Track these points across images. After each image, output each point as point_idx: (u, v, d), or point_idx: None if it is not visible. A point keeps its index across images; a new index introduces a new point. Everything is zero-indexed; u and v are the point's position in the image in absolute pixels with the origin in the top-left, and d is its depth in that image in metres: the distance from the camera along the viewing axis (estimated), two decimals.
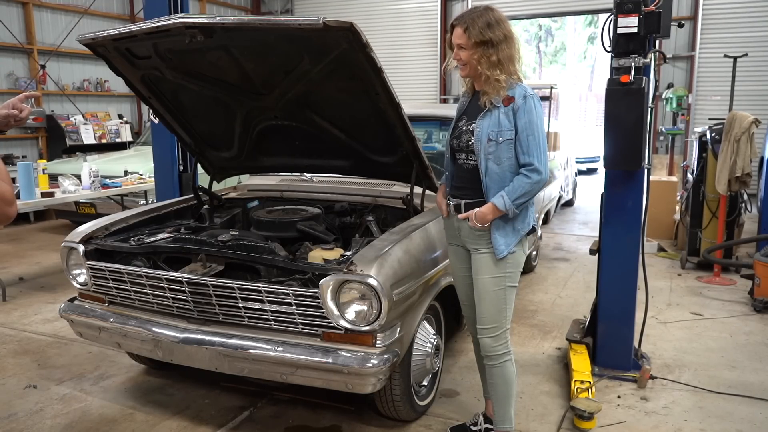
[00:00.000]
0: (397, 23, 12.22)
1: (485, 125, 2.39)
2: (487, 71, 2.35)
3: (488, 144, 2.37)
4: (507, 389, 2.54)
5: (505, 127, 2.35)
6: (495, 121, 2.37)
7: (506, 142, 2.36)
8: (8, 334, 4.14)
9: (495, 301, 2.46)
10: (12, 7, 8.92)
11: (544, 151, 2.36)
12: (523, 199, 2.36)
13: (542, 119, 2.39)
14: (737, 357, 3.67)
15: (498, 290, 2.46)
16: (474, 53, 2.34)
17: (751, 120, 5.03)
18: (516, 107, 2.34)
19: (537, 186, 2.36)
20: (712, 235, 5.52)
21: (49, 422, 2.96)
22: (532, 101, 2.35)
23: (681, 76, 10.58)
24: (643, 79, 3.01)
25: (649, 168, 3.22)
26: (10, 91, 8.85)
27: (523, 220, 2.45)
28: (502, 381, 2.53)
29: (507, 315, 2.49)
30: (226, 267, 2.73)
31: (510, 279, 2.47)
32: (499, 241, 2.42)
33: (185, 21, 2.46)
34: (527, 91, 2.37)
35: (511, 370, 2.53)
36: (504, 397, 2.55)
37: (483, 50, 2.33)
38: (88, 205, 6.74)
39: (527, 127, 2.34)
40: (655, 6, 2.98)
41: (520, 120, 2.34)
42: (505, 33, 2.34)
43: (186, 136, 3.47)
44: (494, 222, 2.41)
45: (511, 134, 2.35)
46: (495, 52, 2.32)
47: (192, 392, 3.23)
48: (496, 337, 2.49)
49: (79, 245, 2.90)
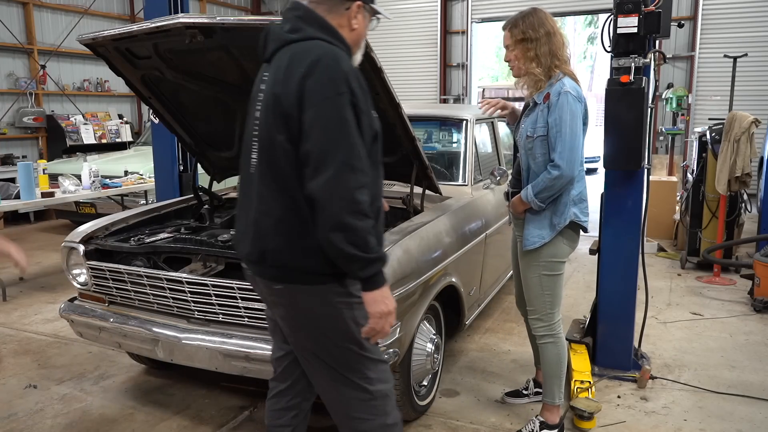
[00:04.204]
0: (397, 23, 12.21)
1: (528, 123, 2.57)
2: (523, 65, 2.51)
3: (527, 140, 2.56)
4: (549, 368, 2.73)
5: (540, 123, 2.50)
6: (534, 119, 2.54)
7: (540, 139, 2.51)
8: (8, 334, 4.14)
9: (533, 287, 2.67)
10: (12, 7, 8.92)
11: (570, 148, 2.44)
12: (546, 194, 2.49)
13: (575, 117, 2.46)
14: (737, 357, 3.67)
15: (534, 277, 2.65)
16: (516, 51, 2.52)
17: (751, 120, 5.03)
18: (550, 104, 2.47)
19: (558, 182, 2.45)
20: (712, 235, 5.52)
21: (49, 422, 2.96)
22: (566, 98, 2.45)
23: (681, 76, 10.58)
24: (643, 79, 3.01)
25: (649, 168, 3.23)
26: (10, 91, 8.85)
27: (561, 215, 2.55)
28: (546, 360, 2.74)
29: (545, 301, 2.65)
30: (226, 267, 2.73)
31: (545, 269, 2.61)
32: (531, 233, 2.59)
33: (185, 21, 2.46)
34: (563, 89, 2.46)
35: (554, 352, 2.71)
36: (548, 375, 2.75)
37: (523, 46, 2.49)
38: (88, 205, 6.74)
39: (556, 123, 2.45)
40: (655, 6, 2.98)
41: (551, 116, 2.47)
42: (548, 30, 2.49)
43: (186, 136, 3.47)
44: (529, 215, 2.60)
45: (544, 130, 2.49)
46: (533, 47, 2.48)
47: (192, 392, 3.23)
48: (536, 319, 2.70)
49: (80, 245, 2.90)
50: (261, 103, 1.79)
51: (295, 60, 1.70)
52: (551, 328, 2.70)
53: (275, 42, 1.79)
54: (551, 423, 2.76)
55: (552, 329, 2.70)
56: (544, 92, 2.52)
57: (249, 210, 1.81)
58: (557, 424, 2.77)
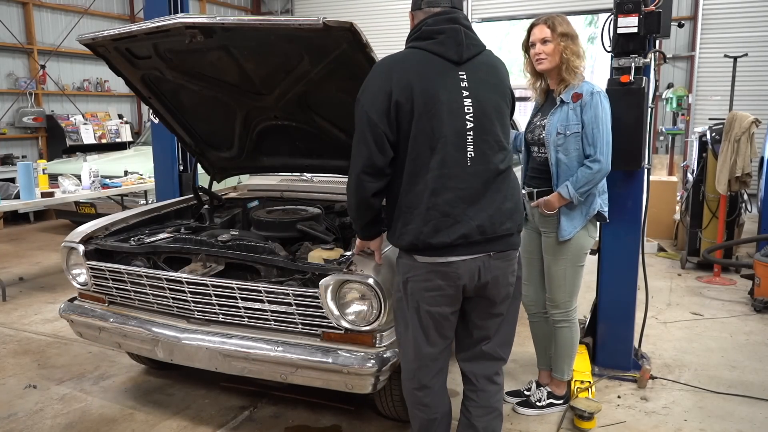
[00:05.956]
0: (397, 23, 12.21)
1: (555, 120, 2.72)
2: (572, 57, 2.66)
3: (557, 137, 2.70)
4: (562, 349, 2.96)
5: (573, 121, 2.68)
6: (564, 116, 2.70)
7: (573, 135, 2.68)
8: (8, 334, 4.14)
9: (557, 278, 2.84)
10: (12, 7, 8.92)
11: (608, 143, 2.68)
12: (586, 188, 2.68)
13: (608, 114, 2.70)
14: (737, 357, 3.67)
15: (560, 269, 2.83)
16: (560, 43, 2.65)
17: (751, 120, 5.02)
18: (584, 103, 2.66)
19: (599, 175, 2.67)
20: (712, 235, 5.52)
21: (49, 422, 2.96)
22: (599, 98, 2.67)
23: (681, 76, 10.58)
24: (643, 79, 3.01)
25: (649, 168, 3.23)
26: (10, 91, 8.85)
27: (590, 206, 2.76)
28: (559, 342, 2.95)
29: (566, 290, 2.85)
30: (226, 267, 2.73)
31: (572, 261, 2.80)
32: (565, 225, 2.74)
33: (185, 21, 2.46)
34: (594, 88, 2.69)
35: (569, 336, 2.92)
36: (559, 354, 2.98)
37: (567, 41, 2.65)
38: (88, 205, 6.74)
39: (593, 121, 2.65)
40: (655, 6, 2.98)
41: (587, 114, 2.66)
42: (575, 33, 2.69)
43: (186, 136, 3.47)
44: (564, 209, 2.73)
45: (578, 128, 2.67)
46: (576, 44, 2.67)
47: (192, 392, 3.23)
48: (554, 307, 2.90)
49: (79, 245, 2.90)
50: (470, 99, 2.01)
51: (498, 64, 2.15)
52: (568, 314, 2.90)
53: (474, 48, 2.06)
54: (558, 394, 3.02)
55: (569, 315, 2.90)
56: (570, 91, 2.69)
57: (487, 192, 2.04)
58: (563, 396, 3.02)
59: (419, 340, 2.11)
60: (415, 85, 1.95)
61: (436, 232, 1.99)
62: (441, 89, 1.98)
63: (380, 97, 1.96)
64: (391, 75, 1.97)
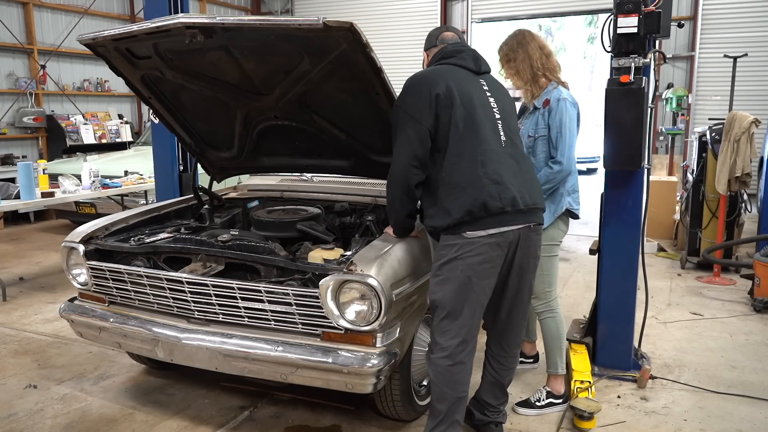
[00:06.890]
0: (397, 23, 12.22)
1: (528, 125, 2.96)
2: (510, 79, 3.00)
3: (528, 140, 2.93)
4: (550, 341, 3.05)
5: (541, 125, 2.91)
6: (535, 121, 2.93)
7: (541, 138, 2.90)
8: (8, 334, 4.14)
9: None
10: (12, 7, 8.92)
11: (570, 146, 2.87)
12: (547, 186, 2.86)
13: (573, 120, 2.89)
14: (737, 357, 3.68)
15: None
16: (509, 69, 2.99)
17: (751, 120, 5.02)
18: (551, 108, 2.87)
19: (559, 175, 2.86)
20: (712, 235, 5.52)
21: (49, 422, 2.96)
22: (565, 104, 2.87)
23: (681, 76, 10.58)
24: (643, 79, 3.01)
25: (649, 168, 3.23)
26: (10, 91, 8.85)
27: (558, 204, 2.94)
28: (546, 334, 3.05)
29: (544, 281, 2.95)
30: (226, 267, 2.73)
31: (544, 252, 2.79)
32: None
33: (185, 21, 2.46)
34: (562, 95, 2.89)
35: (554, 326, 3.03)
36: (549, 348, 3.07)
37: (507, 66, 2.99)
38: (88, 205, 6.74)
39: (557, 125, 2.85)
40: (655, 6, 2.98)
41: (553, 119, 2.86)
42: (525, 49, 2.92)
43: (186, 136, 3.47)
44: None
45: (545, 131, 2.89)
46: (514, 66, 2.95)
47: (192, 392, 3.23)
48: (535, 299, 2.96)
49: (79, 245, 2.90)
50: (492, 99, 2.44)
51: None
52: (549, 305, 3.02)
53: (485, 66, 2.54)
54: (557, 393, 3.04)
55: (550, 306, 3.02)
56: (542, 98, 2.91)
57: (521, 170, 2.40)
58: (563, 394, 3.04)
59: (466, 316, 2.32)
60: (450, 83, 2.33)
61: (491, 197, 2.26)
62: (471, 88, 2.39)
63: (420, 96, 2.30)
64: (429, 79, 2.35)
